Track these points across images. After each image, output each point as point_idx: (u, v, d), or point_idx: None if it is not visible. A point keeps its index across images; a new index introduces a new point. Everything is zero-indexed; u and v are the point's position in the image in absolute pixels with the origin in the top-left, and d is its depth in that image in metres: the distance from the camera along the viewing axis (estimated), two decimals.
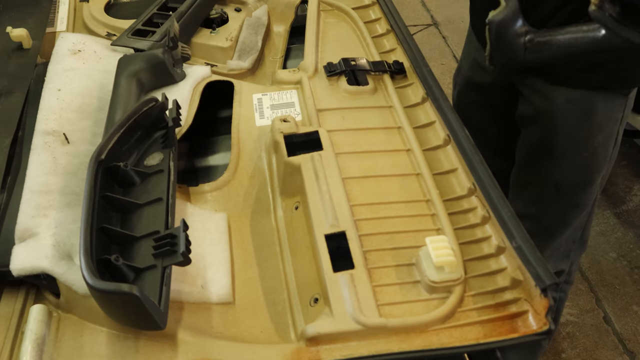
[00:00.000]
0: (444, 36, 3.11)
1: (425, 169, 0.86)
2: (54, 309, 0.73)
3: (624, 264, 2.09)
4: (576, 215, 1.38)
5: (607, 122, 1.23)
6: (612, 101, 1.22)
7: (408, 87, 1.02)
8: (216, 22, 1.15)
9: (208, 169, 0.97)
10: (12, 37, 1.07)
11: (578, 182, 1.32)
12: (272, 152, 0.90)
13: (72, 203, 0.80)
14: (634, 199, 2.29)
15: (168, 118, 0.84)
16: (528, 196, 1.38)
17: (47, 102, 0.93)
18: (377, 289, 0.71)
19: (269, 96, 1.00)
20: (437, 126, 0.93)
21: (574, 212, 1.37)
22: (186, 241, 0.67)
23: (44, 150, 0.86)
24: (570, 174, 1.30)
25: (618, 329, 1.90)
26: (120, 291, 0.60)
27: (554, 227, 1.39)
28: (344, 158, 0.87)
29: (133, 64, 0.96)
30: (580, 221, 1.40)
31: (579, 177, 1.31)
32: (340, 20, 1.18)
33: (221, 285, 0.76)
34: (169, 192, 0.76)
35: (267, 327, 0.73)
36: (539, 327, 0.68)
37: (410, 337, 0.68)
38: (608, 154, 1.29)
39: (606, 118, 1.23)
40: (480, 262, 0.76)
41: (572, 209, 1.37)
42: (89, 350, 0.69)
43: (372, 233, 0.77)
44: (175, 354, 0.67)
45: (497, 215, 0.76)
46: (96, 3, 1.19)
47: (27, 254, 0.73)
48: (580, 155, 1.27)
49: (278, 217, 0.85)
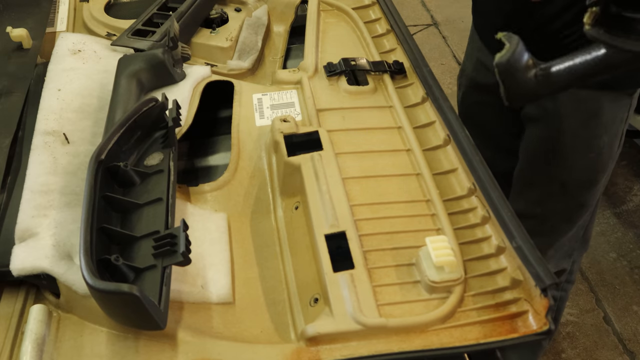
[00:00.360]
0: (444, 36, 3.11)
1: (425, 169, 0.86)
2: (54, 309, 0.73)
3: (624, 264, 2.09)
4: (581, 214, 1.38)
5: (612, 122, 1.23)
6: (618, 101, 1.21)
7: (408, 87, 1.02)
8: (216, 22, 1.15)
9: (208, 169, 0.97)
10: (12, 37, 1.07)
11: (583, 182, 1.31)
12: (272, 152, 0.90)
13: (72, 203, 0.80)
14: (634, 199, 2.29)
15: (168, 118, 0.84)
16: (532, 195, 1.38)
17: (47, 102, 0.93)
18: (377, 289, 0.71)
19: (269, 96, 1.00)
20: (437, 126, 0.93)
21: (579, 211, 1.37)
22: (186, 241, 0.67)
23: (44, 150, 0.86)
24: (576, 174, 1.30)
25: (618, 329, 1.90)
26: (120, 291, 0.60)
27: (558, 226, 1.39)
28: (344, 158, 0.87)
29: (133, 64, 0.96)
30: (584, 220, 1.41)
31: (584, 177, 1.31)
32: (340, 20, 1.18)
33: (221, 285, 0.76)
34: (169, 192, 0.76)
35: (267, 327, 0.73)
36: (539, 327, 0.68)
37: (410, 337, 0.68)
38: (613, 154, 1.29)
39: (612, 118, 1.23)
40: (480, 262, 0.76)
41: (576, 209, 1.37)
42: (89, 350, 0.69)
43: (372, 233, 0.77)
44: (175, 354, 0.67)
45: (497, 215, 0.76)
46: (96, 3, 1.19)
47: (27, 254, 0.73)
48: (586, 155, 1.27)
49: (278, 217, 0.85)
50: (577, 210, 1.37)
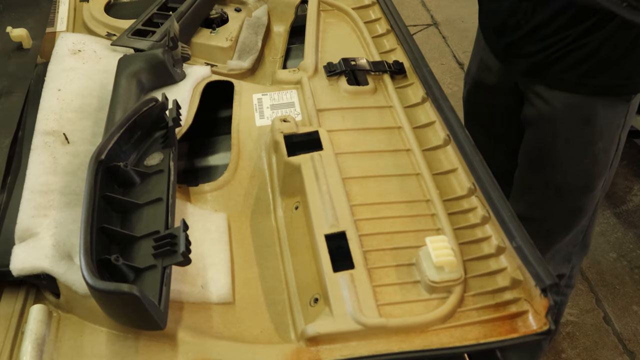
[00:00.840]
0: (444, 36, 3.11)
1: (425, 169, 0.86)
2: (54, 309, 0.73)
3: (624, 264, 2.09)
4: (577, 220, 1.37)
5: (608, 128, 1.22)
6: (613, 107, 1.21)
7: (408, 87, 1.02)
8: (216, 22, 1.15)
9: (208, 169, 0.97)
10: (12, 37, 1.07)
11: (579, 188, 1.31)
12: (272, 152, 0.90)
13: (72, 203, 0.80)
14: (634, 199, 2.29)
15: (168, 118, 0.84)
16: (530, 198, 1.38)
17: (47, 102, 0.93)
18: (377, 289, 0.71)
19: (269, 96, 1.00)
20: (437, 126, 0.93)
21: (576, 217, 1.36)
22: (186, 241, 0.67)
23: (44, 150, 0.85)
24: (571, 179, 1.29)
25: (618, 329, 1.90)
26: (120, 291, 0.60)
27: (555, 230, 1.38)
28: (344, 158, 0.87)
29: (133, 64, 0.96)
30: (582, 225, 1.40)
31: (579, 182, 1.30)
32: (340, 20, 1.18)
33: (221, 285, 0.76)
34: (169, 192, 0.76)
35: (267, 327, 0.73)
36: (539, 327, 0.68)
37: (410, 337, 0.68)
38: (609, 160, 1.28)
39: (607, 124, 1.22)
40: (480, 262, 0.76)
41: (573, 214, 1.36)
42: (89, 350, 0.68)
43: (372, 233, 0.77)
44: (175, 354, 0.67)
45: (497, 215, 0.76)
46: (96, 3, 1.19)
47: (27, 254, 0.73)
48: (581, 161, 1.26)
49: (278, 217, 0.85)
50: (574, 215, 1.36)
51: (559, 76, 1.19)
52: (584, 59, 1.15)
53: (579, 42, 1.14)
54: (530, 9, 1.16)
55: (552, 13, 1.13)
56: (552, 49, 1.17)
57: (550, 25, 1.15)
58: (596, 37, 1.12)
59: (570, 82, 1.18)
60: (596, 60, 1.14)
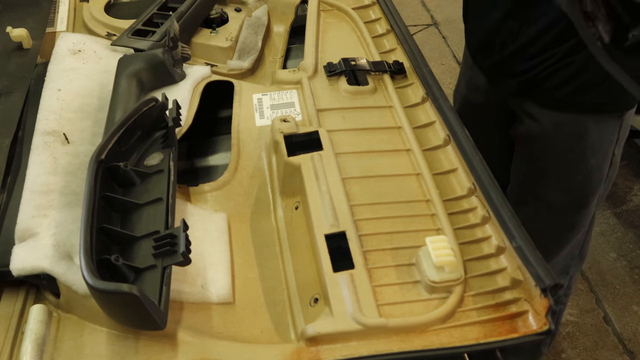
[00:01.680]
0: (444, 36, 3.11)
1: (425, 169, 0.86)
2: (54, 309, 0.73)
3: (624, 264, 2.09)
4: (571, 236, 1.35)
5: (600, 144, 1.20)
6: (605, 123, 1.19)
7: (408, 87, 1.02)
8: (216, 22, 1.15)
9: (208, 169, 0.97)
10: (12, 37, 1.07)
11: (572, 204, 1.29)
12: (272, 152, 0.90)
13: (72, 203, 0.80)
14: (634, 199, 2.29)
15: (168, 118, 0.84)
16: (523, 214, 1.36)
17: (47, 102, 0.93)
18: (377, 289, 0.71)
19: (269, 96, 1.00)
20: (437, 126, 0.93)
21: (569, 233, 1.35)
22: (186, 241, 0.67)
23: (44, 150, 0.85)
24: (563, 196, 1.28)
25: (618, 329, 1.90)
26: (120, 291, 0.60)
27: (550, 247, 1.36)
28: (344, 158, 0.87)
29: (133, 64, 0.96)
30: (578, 240, 1.38)
31: (572, 199, 1.28)
32: (340, 20, 1.18)
33: (221, 285, 0.76)
34: (169, 192, 0.76)
35: (267, 327, 0.73)
36: (539, 327, 0.68)
37: (410, 337, 0.68)
38: (603, 176, 1.26)
39: (600, 140, 1.20)
40: (480, 262, 0.76)
41: (566, 230, 1.34)
42: (89, 350, 0.68)
43: (372, 233, 0.77)
44: (175, 354, 0.67)
45: (497, 215, 0.76)
46: (96, 3, 1.19)
47: (27, 254, 0.73)
48: (573, 178, 1.24)
49: (278, 217, 0.85)
50: (569, 231, 1.34)
51: (548, 94, 1.17)
52: (572, 76, 1.13)
53: (566, 60, 1.12)
54: (515, 28, 1.15)
55: (538, 31, 1.12)
56: (539, 67, 1.15)
57: (536, 44, 1.13)
58: (582, 55, 1.10)
59: (560, 100, 1.17)
60: (584, 78, 1.12)
